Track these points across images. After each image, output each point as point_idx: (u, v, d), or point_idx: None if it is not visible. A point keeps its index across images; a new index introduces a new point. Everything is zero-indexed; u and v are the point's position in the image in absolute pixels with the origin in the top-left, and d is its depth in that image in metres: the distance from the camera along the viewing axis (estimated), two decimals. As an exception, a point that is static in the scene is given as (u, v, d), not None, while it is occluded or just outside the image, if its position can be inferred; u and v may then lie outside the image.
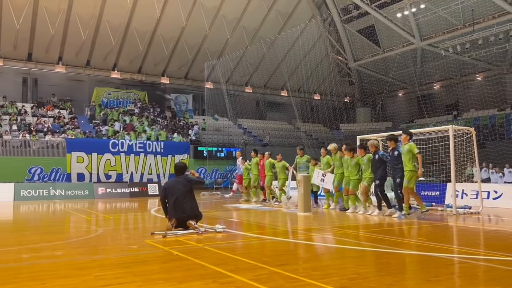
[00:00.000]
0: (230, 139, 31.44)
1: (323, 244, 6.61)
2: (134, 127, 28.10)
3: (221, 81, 32.13)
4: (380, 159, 10.41)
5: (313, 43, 36.95)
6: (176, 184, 7.85)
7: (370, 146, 10.81)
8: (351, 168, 11.48)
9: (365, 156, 10.99)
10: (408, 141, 9.95)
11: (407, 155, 9.73)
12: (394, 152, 10.16)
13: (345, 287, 3.91)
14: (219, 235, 7.36)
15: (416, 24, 31.30)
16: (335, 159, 12.51)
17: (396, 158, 10.04)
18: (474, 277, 4.38)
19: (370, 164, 10.82)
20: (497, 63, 31.60)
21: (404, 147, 9.86)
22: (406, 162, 9.74)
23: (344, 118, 40.50)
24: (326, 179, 12.42)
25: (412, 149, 9.68)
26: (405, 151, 9.79)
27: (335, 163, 12.44)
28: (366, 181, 10.86)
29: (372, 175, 10.77)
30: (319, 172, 12.74)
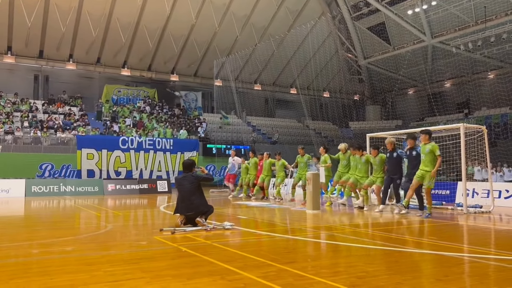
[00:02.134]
0: (239, 136, 31.48)
1: (332, 242, 6.57)
2: (144, 124, 28.26)
3: (230, 79, 32.17)
4: (399, 157, 10.29)
5: (323, 40, 36.79)
6: (183, 181, 7.87)
7: (388, 144, 10.59)
8: (361, 166, 11.47)
9: (378, 157, 10.92)
10: (428, 140, 9.63)
11: (428, 156, 9.42)
12: (412, 152, 9.99)
13: (355, 285, 3.88)
14: (227, 232, 7.36)
15: (427, 21, 31.01)
16: (343, 158, 12.54)
17: (415, 157, 9.84)
18: (485, 276, 4.32)
19: (383, 164, 10.78)
20: (509, 60, 31.14)
21: (425, 147, 9.53)
22: (428, 162, 9.43)
23: (353, 116, 40.32)
24: (320, 173, 12.56)
25: (435, 150, 9.39)
26: (426, 151, 9.46)
27: (342, 162, 12.52)
28: (380, 181, 10.80)
29: (382, 174, 10.74)
30: (322, 170, 12.99)
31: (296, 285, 3.86)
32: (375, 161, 11.01)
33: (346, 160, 12.47)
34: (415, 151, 9.89)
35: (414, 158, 9.89)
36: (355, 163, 11.82)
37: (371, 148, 11.35)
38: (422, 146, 9.63)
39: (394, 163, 10.41)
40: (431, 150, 9.37)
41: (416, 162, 9.77)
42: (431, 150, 9.37)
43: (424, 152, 9.54)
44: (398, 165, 10.40)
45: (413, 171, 9.82)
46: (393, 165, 10.41)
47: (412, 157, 9.95)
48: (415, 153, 9.86)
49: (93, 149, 23.98)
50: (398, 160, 10.36)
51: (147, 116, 29.63)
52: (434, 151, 9.35)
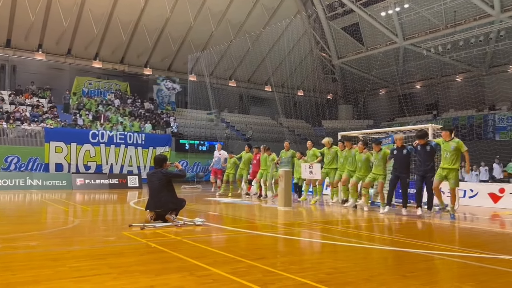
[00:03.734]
0: (213, 132, 31.33)
1: (301, 239, 6.63)
2: (107, 117, 27.56)
3: (205, 74, 31.92)
4: (409, 155, 9.83)
5: (298, 39, 37.00)
6: (152, 178, 7.80)
7: (398, 140, 10.02)
8: (361, 164, 10.94)
9: (380, 152, 10.44)
10: (450, 137, 9.11)
11: (453, 153, 8.88)
12: (425, 148, 9.40)
13: (323, 281, 3.93)
14: (198, 228, 7.32)
15: (400, 24, 31.64)
16: (328, 153, 12.20)
17: (428, 153, 9.36)
18: (448, 273, 4.45)
19: (385, 160, 10.35)
20: (476, 64, 32.19)
21: (450, 144, 8.98)
22: (452, 160, 8.88)
23: (326, 115, 40.76)
24: (314, 170, 12.22)
25: (461, 147, 8.88)
26: (451, 149, 8.90)
27: (327, 157, 12.18)
28: (382, 178, 10.38)
29: (384, 171, 10.40)
30: (305, 165, 12.58)
31: (265, 281, 3.88)
32: (377, 157, 10.47)
33: (331, 155, 12.06)
34: (429, 146, 9.34)
35: (427, 153, 9.35)
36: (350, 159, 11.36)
37: (374, 144, 10.70)
38: (445, 143, 9.06)
39: (403, 161, 9.84)
40: (457, 147, 8.87)
41: (427, 158, 9.32)
42: (456, 148, 8.87)
43: (448, 149, 8.98)
44: (407, 163, 9.87)
45: (422, 168, 9.34)
46: (402, 163, 9.82)
47: (424, 152, 9.38)
48: (429, 147, 9.32)
49: (62, 142, 23.39)
50: (408, 157, 9.85)
51: (115, 109, 28.93)
52: (460, 148, 8.86)
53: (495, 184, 15.29)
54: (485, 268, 4.63)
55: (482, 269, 4.60)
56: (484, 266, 4.69)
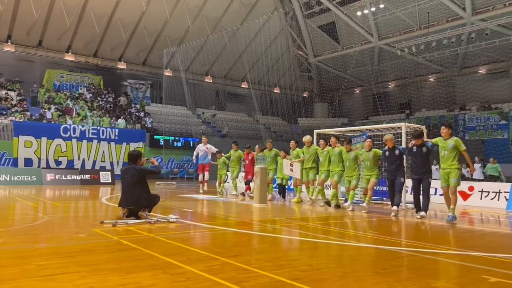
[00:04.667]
0: (188, 128, 31.04)
1: (276, 236, 6.61)
2: (74, 111, 26.85)
3: (181, 69, 31.55)
4: (401, 155, 9.49)
5: (275, 36, 37.00)
6: (125, 174, 7.64)
7: (388, 141, 9.64)
8: (350, 162, 10.50)
9: (371, 152, 10.13)
10: (449, 135, 8.72)
11: (452, 151, 8.49)
12: (421, 149, 8.97)
13: (297, 278, 3.90)
14: (172, 225, 7.21)
15: (375, 23, 32.04)
16: (306, 152, 11.93)
17: (425, 155, 8.95)
18: (420, 269, 4.50)
19: (377, 160, 10.10)
20: (448, 65, 32.96)
21: (447, 143, 8.59)
22: (451, 159, 8.49)
23: (302, 113, 40.99)
24: (294, 168, 12.09)
25: (459, 145, 8.50)
26: (449, 147, 8.51)
27: (306, 156, 11.91)
28: (375, 177, 10.06)
29: (377, 171, 10.16)
30: (287, 162, 12.45)
31: (239, 279, 3.82)
32: (367, 156, 10.14)
33: (309, 154, 11.85)
34: (425, 147, 8.94)
35: (423, 155, 8.94)
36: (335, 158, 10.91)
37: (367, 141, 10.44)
38: (443, 142, 8.68)
39: (396, 162, 9.47)
40: (455, 145, 8.48)
41: (424, 160, 8.94)
42: (454, 146, 8.48)
43: (446, 147, 8.58)
44: (401, 164, 9.53)
45: (419, 171, 8.95)
46: (395, 163, 9.46)
47: (421, 154, 8.96)
48: (426, 149, 8.92)
49: (31, 137, 22.73)
50: (400, 158, 9.50)
51: (84, 103, 28.18)
52: (458, 147, 8.47)
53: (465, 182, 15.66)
54: (455, 264, 4.71)
55: (453, 265, 4.68)
56: (454, 263, 4.77)
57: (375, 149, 10.26)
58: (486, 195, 13.29)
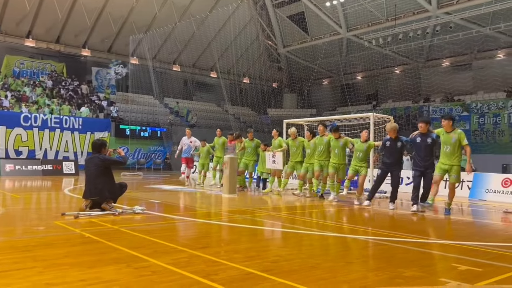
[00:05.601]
0: (155, 118, 30.42)
1: (246, 226, 6.48)
2: (30, 98, 25.75)
3: (147, 57, 30.76)
4: (403, 147, 8.83)
5: (244, 25, 36.63)
6: (89, 163, 7.31)
7: (393, 130, 8.78)
8: (338, 150, 10.04)
9: (366, 143, 9.72)
10: (452, 128, 8.11)
11: (454, 146, 7.95)
12: (426, 139, 8.26)
13: (268, 270, 3.78)
14: (137, 216, 6.96)
15: (344, 15, 32.21)
16: (293, 144, 11.38)
17: (430, 146, 8.26)
18: (392, 258, 4.48)
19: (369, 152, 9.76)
20: (414, 57, 33.61)
21: (450, 136, 7.99)
22: (453, 154, 7.95)
23: (271, 103, 40.94)
24: (276, 159, 11.50)
25: (462, 139, 7.92)
26: (452, 141, 7.94)
27: (292, 149, 11.39)
28: (365, 170, 9.69)
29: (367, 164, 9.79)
30: (269, 154, 11.79)
31: (208, 272, 3.67)
32: (361, 147, 9.67)
33: (296, 147, 11.34)
34: (430, 138, 8.23)
35: (428, 146, 8.25)
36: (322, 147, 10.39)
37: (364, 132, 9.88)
38: (445, 135, 8.07)
39: (396, 154, 8.78)
40: (458, 139, 7.92)
41: (428, 151, 8.28)
42: (458, 140, 7.92)
43: (448, 141, 8.01)
44: (400, 157, 8.94)
45: (422, 163, 8.27)
46: (395, 156, 8.76)
47: (425, 145, 8.25)
48: (431, 140, 8.22)
49: (-12, 126, 21.65)
50: (401, 150, 8.88)
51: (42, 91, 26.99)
52: (461, 141, 7.91)
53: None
54: (425, 253, 4.72)
55: (423, 254, 4.68)
56: (425, 251, 4.78)
57: (370, 141, 9.89)
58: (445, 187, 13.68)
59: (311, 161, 10.78)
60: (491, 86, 29.13)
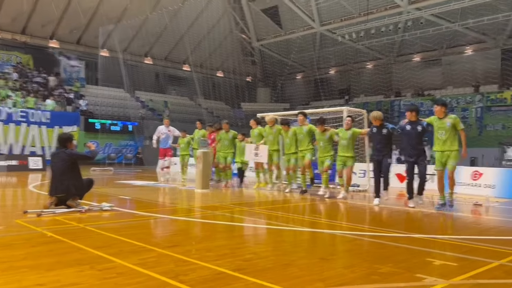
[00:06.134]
0: (126, 112, 29.75)
1: (219, 223, 6.31)
2: None
3: (118, 50, 29.99)
4: (390, 134, 8.55)
5: (218, 18, 36.22)
6: (55, 159, 6.97)
7: (374, 120, 8.65)
8: (324, 143, 9.76)
9: (350, 131, 9.38)
10: (444, 113, 7.81)
11: (450, 131, 7.64)
12: (416, 127, 8.01)
13: (240, 269, 3.63)
14: (105, 214, 6.68)
15: (317, 9, 32.26)
16: (270, 132, 11.01)
17: (420, 134, 8.02)
18: (367, 254, 4.41)
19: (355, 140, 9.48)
20: (386, 52, 34.02)
21: (444, 121, 7.70)
22: (448, 140, 7.66)
23: (245, 97, 40.73)
24: (260, 152, 10.97)
25: (457, 124, 7.63)
26: (447, 126, 7.64)
27: (269, 137, 11.01)
28: (351, 161, 9.33)
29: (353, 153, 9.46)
30: (251, 146, 11.24)
31: (177, 272, 3.48)
32: (345, 135, 9.35)
33: (273, 136, 10.95)
34: (420, 126, 8.00)
35: (418, 134, 8.00)
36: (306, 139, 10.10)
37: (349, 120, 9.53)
38: (439, 121, 7.78)
39: (384, 142, 8.58)
40: (453, 124, 7.62)
41: (418, 139, 8.04)
42: (453, 124, 7.62)
43: (443, 127, 7.69)
44: (389, 144, 8.67)
45: (413, 152, 8.02)
46: (382, 143, 8.57)
47: (415, 133, 8.01)
48: (421, 127, 7.98)
49: (-51, 119, 20.68)
50: (389, 138, 8.62)
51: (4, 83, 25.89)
52: (456, 125, 7.63)
53: (401, 165, 16.22)
54: (400, 248, 4.67)
55: (398, 249, 4.63)
56: (399, 246, 4.73)
57: (354, 129, 9.53)
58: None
59: (290, 151, 10.50)
60: (460, 81, 29.82)
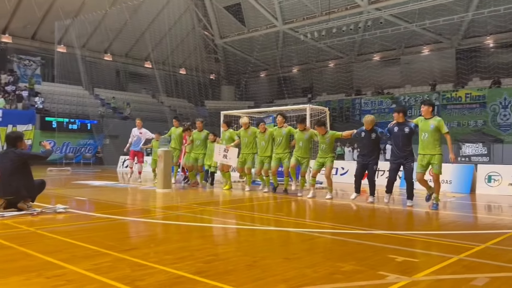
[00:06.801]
0: (85, 110, 28.77)
1: (180, 223, 6.13)
2: None
3: (76, 46, 28.91)
4: (378, 139, 8.41)
5: (180, 14, 35.63)
6: (3, 159, 6.55)
7: (370, 122, 8.38)
8: (303, 143, 9.44)
9: (328, 134, 9.11)
10: (431, 114, 7.63)
11: (434, 133, 7.46)
12: (404, 129, 7.83)
13: (201, 272, 3.49)
14: (59, 216, 6.35)
15: (279, 7, 32.35)
16: (245, 135, 10.53)
17: (407, 136, 7.82)
18: (330, 252, 4.37)
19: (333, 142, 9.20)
20: (347, 51, 34.60)
21: (428, 123, 7.53)
22: (431, 143, 7.47)
23: (209, 95, 40.35)
24: (229, 155, 10.54)
25: (442, 127, 7.43)
26: (430, 128, 7.46)
27: (244, 140, 10.53)
28: (330, 161, 9.05)
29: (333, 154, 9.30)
30: (220, 147, 10.78)
31: (133, 277, 3.30)
32: (323, 140, 9.08)
33: (248, 138, 10.45)
34: (408, 127, 7.81)
35: (406, 136, 7.83)
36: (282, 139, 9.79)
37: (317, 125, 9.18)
38: (424, 122, 7.61)
39: (372, 146, 8.37)
40: (437, 126, 7.43)
41: (406, 141, 7.84)
42: (436, 127, 7.43)
43: (426, 129, 7.52)
44: (376, 148, 8.50)
45: (400, 154, 7.84)
46: (370, 148, 8.36)
47: (403, 135, 7.83)
48: (408, 129, 7.80)
49: None
50: (377, 142, 8.45)
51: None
52: (440, 128, 7.43)
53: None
54: (362, 244, 4.66)
55: (360, 246, 4.62)
56: (361, 243, 4.72)
57: (332, 131, 9.33)
58: (382, 174, 14.09)
59: (265, 154, 10.14)
60: (418, 80, 30.72)
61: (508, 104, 24.96)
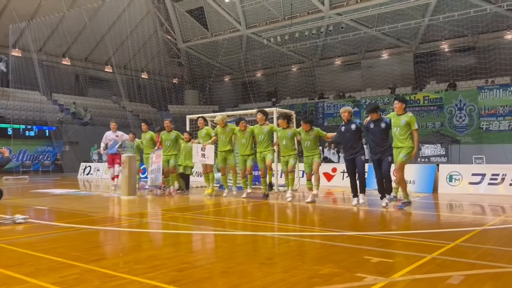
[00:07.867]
0: (43, 116, 27.69)
1: (149, 231, 5.93)
2: None
3: (32, 49, 27.80)
4: (359, 130, 8.33)
5: (141, 18, 35.02)
6: None
7: (347, 113, 8.44)
8: (286, 141, 9.33)
9: (313, 131, 9.06)
10: (403, 111, 7.90)
11: (404, 128, 7.71)
12: (380, 124, 7.97)
13: (174, 281, 3.35)
14: (19, 227, 6.01)
15: (242, 12, 32.39)
16: (223, 132, 10.16)
17: (384, 131, 7.94)
18: (306, 255, 4.32)
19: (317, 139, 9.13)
20: (309, 56, 35.08)
21: (400, 119, 7.78)
22: (402, 137, 7.70)
23: (172, 100, 39.80)
24: (207, 153, 10.20)
25: (412, 123, 7.70)
26: (402, 123, 7.72)
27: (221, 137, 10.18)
28: (318, 156, 9.04)
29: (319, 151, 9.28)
30: (197, 146, 10.41)
31: (103, 290, 3.13)
32: (308, 136, 9.04)
33: (226, 136, 10.14)
34: (384, 122, 7.97)
35: (382, 131, 7.94)
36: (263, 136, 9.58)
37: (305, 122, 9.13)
38: (396, 118, 7.87)
39: (354, 138, 8.34)
40: (408, 122, 7.71)
41: (383, 136, 7.96)
42: (407, 123, 7.70)
43: (398, 124, 7.80)
44: (359, 140, 8.45)
45: (378, 149, 7.94)
46: (352, 139, 8.34)
47: (379, 130, 7.95)
48: (384, 124, 7.94)
49: None
50: (358, 133, 8.37)
51: None
52: (410, 124, 7.70)
53: (329, 164, 16.71)
54: (337, 246, 4.65)
55: (335, 248, 4.60)
56: (336, 245, 4.71)
57: (317, 128, 9.30)
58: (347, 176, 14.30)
59: (246, 153, 9.91)
60: (378, 83, 31.53)
61: (463, 106, 26.02)
